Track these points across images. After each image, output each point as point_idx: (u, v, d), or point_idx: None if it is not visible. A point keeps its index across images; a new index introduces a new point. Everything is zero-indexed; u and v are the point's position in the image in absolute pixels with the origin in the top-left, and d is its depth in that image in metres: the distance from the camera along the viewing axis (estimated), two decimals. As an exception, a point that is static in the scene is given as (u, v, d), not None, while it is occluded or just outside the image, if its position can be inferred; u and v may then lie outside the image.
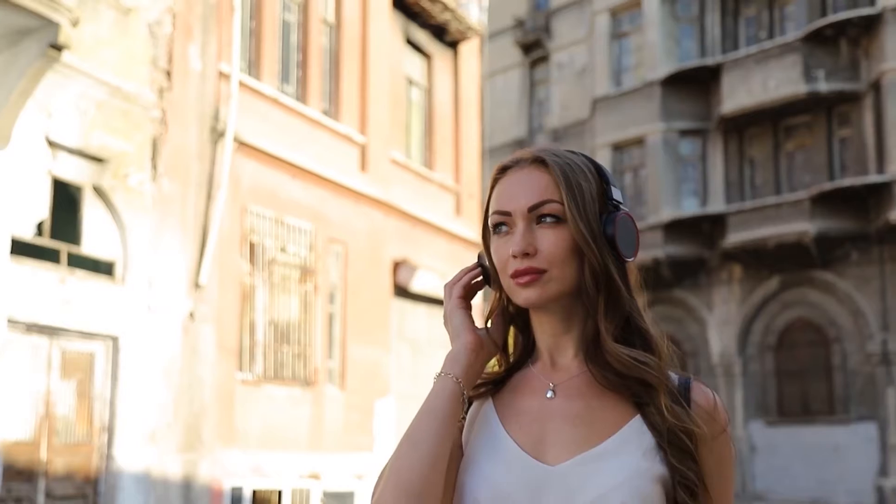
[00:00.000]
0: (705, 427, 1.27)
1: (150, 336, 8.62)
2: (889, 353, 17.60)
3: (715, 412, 1.30)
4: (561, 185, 1.28)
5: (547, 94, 25.27)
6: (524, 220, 1.29)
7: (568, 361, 1.34)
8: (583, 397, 1.31)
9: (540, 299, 1.28)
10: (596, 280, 1.29)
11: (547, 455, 1.27)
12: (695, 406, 1.29)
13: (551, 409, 1.31)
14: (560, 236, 1.28)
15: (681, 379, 1.32)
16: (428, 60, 14.00)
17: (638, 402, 1.29)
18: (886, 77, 17.79)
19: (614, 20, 22.75)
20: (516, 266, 1.28)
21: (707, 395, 1.31)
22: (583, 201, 1.29)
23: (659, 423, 1.26)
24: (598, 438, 1.27)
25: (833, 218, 18.06)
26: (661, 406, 1.27)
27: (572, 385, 1.32)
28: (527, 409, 1.33)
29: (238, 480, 9.52)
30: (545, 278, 1.28)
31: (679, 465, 1.24)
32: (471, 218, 14.37)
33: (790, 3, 20.57)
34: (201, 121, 9.45)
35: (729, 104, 19.92)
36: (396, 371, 12.17)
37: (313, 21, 11.46)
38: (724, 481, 1.30)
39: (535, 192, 1.29)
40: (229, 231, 9.67)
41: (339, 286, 11.31)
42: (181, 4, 9.29)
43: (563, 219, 1.28)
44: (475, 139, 14.82)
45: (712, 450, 1.28)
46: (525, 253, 1.27)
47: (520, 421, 1.32)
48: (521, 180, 1.31)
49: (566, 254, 1.28)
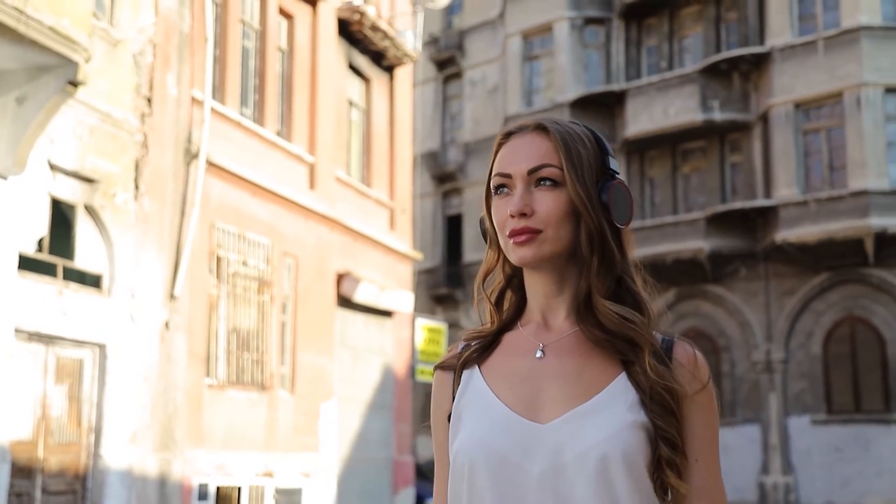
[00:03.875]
0: (686, 385, 1.32)
1: (133, 344, 9.31)
2: (772, 362, 19.42)
3: (696, 370, 1.34)
4: (560, 151, 1.35)
5: (459, 109, 26.41)
6: (523, 182, 1.35)
7: (559, 322, 1.39)
8: (572, 356, 1.36)
9: (534, 258, 1.35)
10: (591, 241, 1.35)
11: (539, 414, 1.33)
12: (676, 364, 1.34)
13: (541, 368, 1.37)
14: (557, 199, 1.34)
15: (664, 338, 1.36)
16: (367, 84, 14.92)
17: (624, 360, 1.34)
18: (773, 110, 19.61)
19: (526, 43, 24.06)
20: (513, 225, 1.34)
21: (688, 352, 1.36)
22: (581, 167, 1.35)
23: (643, 381, 1.31)
24: (587, 395, 1.32)
25: (725, 237, 19.77)
26: (644, 364, 1.32)
27: (562, 345, 1.38)
28: (516, 370, 1.38)
29: (204, 478, 10.27)
30: (540, 238, 1.34)
31: (661, 421, 1.30)
32: (404, 232, 15.36)
33: (688, 37, 22.29)
34: (176, 143, 10.17)
35: (632, 128, 21.48)
36: (339, 376, 13.06)
37: (270, 48, 12.25)
38: (707, 436, 1.35)
39: (535, 157, 1.35)
40: (199, 246, 10.41)
41: (291, 297, 12.14)
42: (161, 35, 10.00)
43: (561, 183, 1.35)
44: (408, 157, 15.81)
45: (693, 403, 1.33)
46: (522, 213, 1.33)
47: (510, 382, 1.37)
48: (522, 145, 1.38)
49: (562, 216, 1.34)
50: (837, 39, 18.94)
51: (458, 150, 25.92)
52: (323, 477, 12.37)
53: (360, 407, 13.61)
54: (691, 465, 1.32)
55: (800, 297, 19.36)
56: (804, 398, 19.15)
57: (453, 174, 25.61)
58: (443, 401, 1.45)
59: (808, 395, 19.14)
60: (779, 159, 19.39)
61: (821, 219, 18.48)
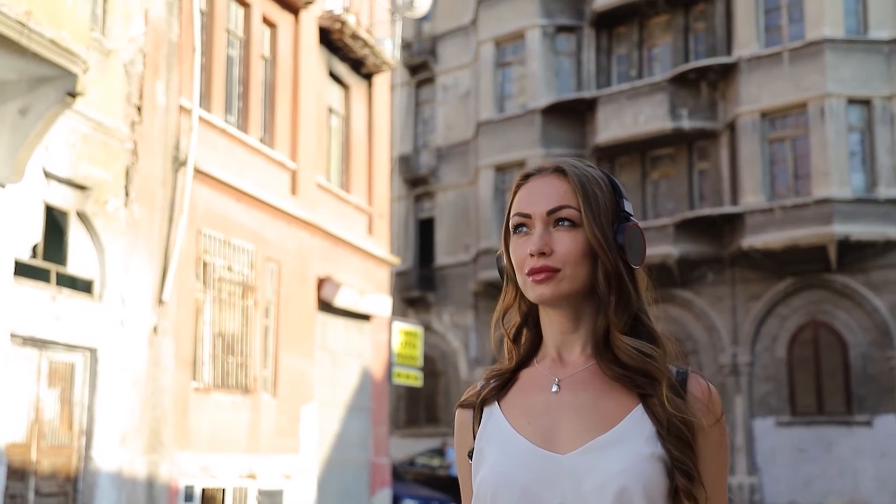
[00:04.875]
0: (702, 418, 1.36)
1: (122, 348, 9.48)
2: (738, 365, 19.92)
3: (710, 403, 1.38)
4: (578, 193, 1.40)
5: (432, 114, 26.68)
6: (542, 222, 1.41)
7: (575, 358, 1.44)
8: (587, 389, 1.40)
9: (552, 296, 1.40)
10: (608, 281, 1.40)
11: (557, 445, 1.37)
12: (691, 397, 1.38)
13: (558, 401, 1.41)
14: (575, 239, 1.39)
15: (679, 370, 1.41)
16: (346, 91, 15.15)
17: (641, 393, 1.38)
18: (740, 119, 20.11)
19: (498, 49, 24.40)
20: (532, 264, 1.39)
21: (703, 386, 1.40)
22: (597, 209, 1.40)
23: (660, 413, 1.35)
24: (604, 428, 1.36)
25: (693, 242, 20.24)
26: (662, 397, 1.35)
27: (577, 378, 1.42)
28: (534, 404, 1.43)
29: (190, 479, 10.46)
30: (558, 277, 1.39)
31: (678, 453, 1.33)
32: (381, 237, 15.61)
33: (657, 46, 22.75)
34: (165, 151, 10.34)
35: (603, 135, 21.89)
36: (319, 379, 13.28)
37: (253, 56, 12.45)
38: (719, 468, 1.39)
39: (554, 198, 1.41)
40: (186, 252, 10.59)
41: (273, 301, 12.34)
42: (150, 45, 10.17)
43: (579, 224, 1.40)
44: (385, 163, 16.06)
45: (708, 438, 1.36)
46: (542, 252, 1.38)
47: (528, 416, 1.42)
48: (541, 186, 1.43)
49: (579, 256, 1.39)
50: (802, 51, 19.48)
51: (430, 155, 26.19)
52: (303, 478, 12.58)
53: (339, 409, 13.84)
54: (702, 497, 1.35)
55: (765, 302, 19.88)
56: (769, 400, 19.66)
57: (426, 178, 25.88)
58: (465, 438, 1.50)
59: (772, 397, 19.66)
60: (745, 167, 19.89)
61: (786, 226, 19.00)
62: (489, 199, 23.65)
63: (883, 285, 18.83)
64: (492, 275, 23.13)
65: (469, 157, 25.00)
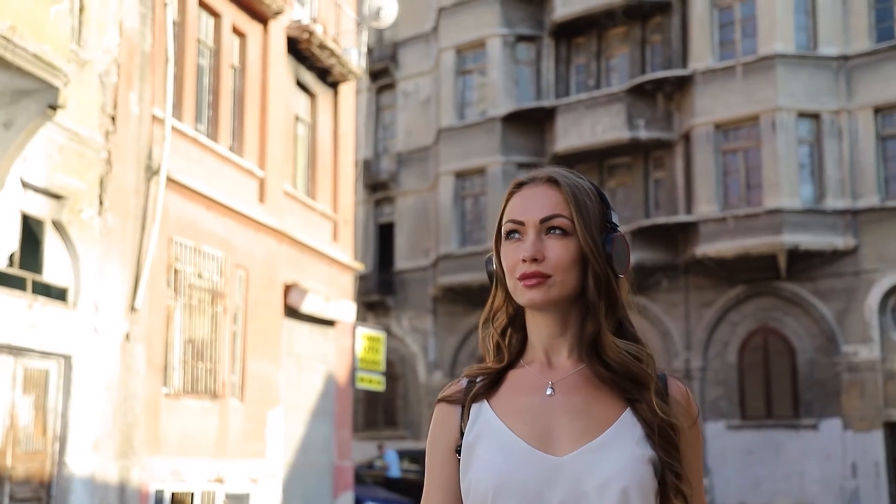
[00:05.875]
0: (682, 419, 1.44)
1: (96, 355, 9.62)
2: (691, 370, 20.47)
3: (689, 406, 1.48)
4: (570, 203, 1.46)
5: (393, 119, 26.93)
6: (535, 229, 1.46)
7: (563, 361, 1.49)
8: (579, 393, 1.46)
9: (543, 301, 1.45)
10: (598, 287, 1.46)
11: (554, 447, 1.42)
12: (672, 400, 1.46)
13: (552, 404, 1.46)
14: (566, 247, 1.44)
15: (659, 374, 1.48)
16: (312, 99, 15.36)
17: (628, 397, 1.44)
18: (695, 130, 20.67)
19: (459, 57, 24.73)
20: (524, 269, 1.44)
21: (682, 390, 1.49)
22: (588, 219, 1.46)
23: (649, 416, 1.42)
24: (598, 430, 1.42)
25: (648, 250, 20.75)
26: (651, 402, 1.43)
27: (568, 382, 1.47)
28: (528, 406, 1.47)
29: (161, 484, 10.61)
30: (549, 282, 1.44)
31: (667, 454, 1.41)
32: (346, 244, 15.84)
33: (615, 57, 23.25)
34: (138, 160, 10.49)
35: (562, 143, 22.33)
36: (285, 384, 13.48)
37: (223, 66, 12.62)
38: (697, 465, 1.48)
39: (547, 206, 1.46)
40: (158, 259, 10.75)
41: (241, 307, 12.52)
42: (124, 56, 10.31)
43: (570, 232, 1.45)
44: (350, 171, 16.29)
45: (687, 439, 1.45)
46: (534, 258, 1.43)
47: (523, 417, 1.46)
48: (534, 195, 1.48)
49: (570, 263, 1.44)
50: (755, 65, 20.09)
51: (390, 160, 26.44)
52: (269, 482, 12.78)
53: (304, 414, 14.04)
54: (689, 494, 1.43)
55: (717, 309, 20.46)
56: (720, 404, 20.24)
57: (386, 183, 26.13)
58: (447, 432, 1.52)
59: (723, 401, 20.24)
60: (699, 177, 20.44)
61: (738, 235, 19.58)
62: (449, 205, 23.97)
63: (829, 293, 19.48)
64: (451, 280, 23.46)
65: (429, 162, 25.29)
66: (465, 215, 23.89)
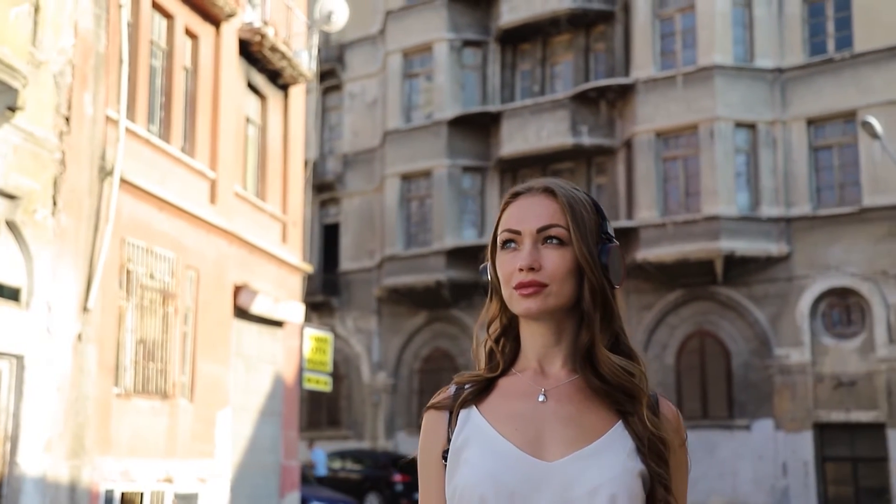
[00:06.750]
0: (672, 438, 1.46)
1: (48, 355, 9.63)
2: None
3: (679, 425, 1.49)
4: (567, 213, 1.46)
5: (339, 121, 27.04)
6: (532, 239, 1.46)
7: (556, 370, 1.48)
8: (571, 402, 1.46)
9: (539, 310, 1.44)
10: (594, 298, 1.45)
11: (544, 452, 1.42)
12: (663, 419, 1.47)
13: (543, 411, 1.45)
14: (563, 257, 1.44)
15: (650, 394, 1.48)
16: (263, 101, 15.44)
17: (620, 410, 1.45)
18: (636, 137, 21.18)
19: (406, 60, 24.95)
20: (521, 278, 1.44)
21: (672, 410, 1.50)
22: (584, 229, 1.46)
23: (640, 430, 1.42)
24: (590, 438, 1.42)
25: (590, 254, 21.16)
26: (642, 416, 1.43)
27: (561, 391, 1.47)
28: (519, 411, 1.46)
29: (111, 484, 10.64)
30: (546, 292, 1.44)
31: (657, 467, 1.41)
32: (295, 245, 15.95)
33: (559, 64, 23.70)
34: (92, 161, 10.51)
35: (507, 148, 22.70)
36: (234, 385, 13.56)
37: (176, 67, 12.66)
38: (684, 484, 1.49)
39: (543, 216, 1.46)
40: (110, 260, 10.77)
41: (192, 308, 12.58)
42: (79, 57, 10.33)
43: (567, 242, 1.45)
44: (300, 172, 16.41)
45: (676, 458, 1.46)
46: (531, 267, 1.43)
47: (514, 422, 1.45)
48: (531, 205, 1.48)
49: (566, 273, 1.44)
50: (694, 76, 20.68)
51: (336, 161, 26.53)
52: (217, 482, 12.85)
53: (252, 414, 14.13)
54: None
55: (656, 312, 20.99)
56: (658, 405, 20.75)
57: (332, 184, 26.22)
58: (437, 439, 1.51)
59: (661, 402, 20.75)
60: (640, 183, 20.95)
61: (677, 240, 20.13)
62: (395, 207, 24.16)
63: (763, 298, 20.14)
64: (395, 281, 23.66)
65: (375, 164, 25.46)
66: (411, 217, 24.12)
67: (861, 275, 19.27)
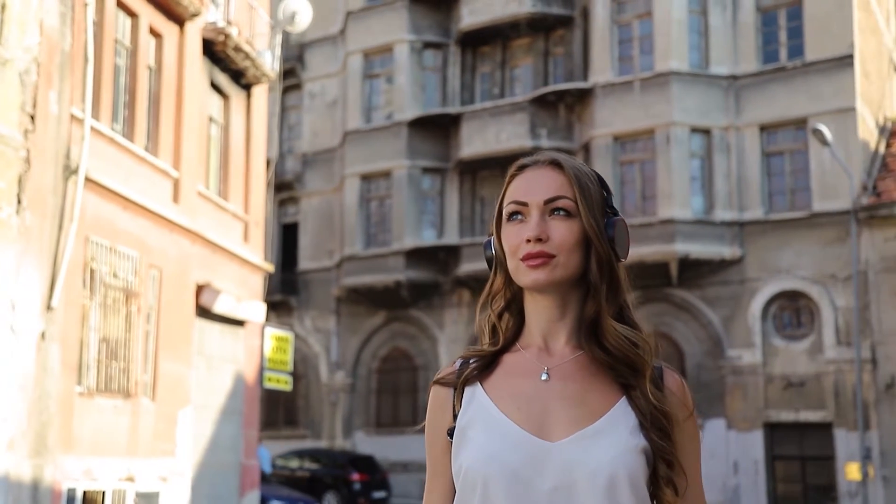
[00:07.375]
0: (678, 411, 1.44)
1: (12, 354, 9.61)
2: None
3: (684, 397, 1.47)
4: (574, 185, 1.46)
5: (298, 120, 27.03)
6: (539, 210, 1.45)
7: (560, 347, 1.47)
8: (575, 380, 1.44)
9: (547, 281, 1.43)
10: (601, 269, 1.45)
11: (547, 433, 1.41)
12: (668, 391, 1.45)
13: (547, 390, 1.44)
14: (570, 228, 1.44)
15: (655, 366, 1.46)
16: (225, 101, 15.46)
17: (624, 384, 1.44)
18: (594, 141, 21.50)
19: (366, 61, 25.04)
20: (528, 249, 1.43)
21: (678, 381, 1.48)
22: (591, 201, 1.46)
23: (643, 404, 1.42)
24: (592, 417, 1.41)
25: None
26: (645, 390, 1.42)
27: (565, 369, 1.45)
28: (522, 390, 1.45)
29: (73, 483, 10.63)
30: (553, 263, 1.43)
31: (660, 442, 1.40)
32: (256, 245, 15.99)
33: (519, 67, 23.96)
34: (56, 159, 10.49)
35: (467, 149, 22.90)
36: (195, 384, 13.57)
37: (140, 66, 12.66)
38: (695, 457, 1.48)
39: (551, 188, 1.46)
40: (74, 259, 10.76)
41: (155, 307, 12.58)
42: (44, 55, 10.31)
43: (574, 214, 1.45)
44: (262, 172, 16.44)
45: (683, 430, 1.45)
46: (539, 238, 1.43)
47: (517, 402, 1.44)
48: (538, 177, 1.48)
49: (574, 244, 1.44)
50: (651, 81, 21.05)
51: (296, 160, 26.53)
52: (178, 481, 12.87)
53: (213, 413, 14.16)
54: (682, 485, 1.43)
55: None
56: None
57: (291, 183, 26.21)
58: (442, 416, 1.51)
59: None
60: (598, 187, 21.23)
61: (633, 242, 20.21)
62: (354, 207, 24.24)
63: (716, 300, 20.58)
64: (354, 281, 23.75)
65: (335, 164, 25.51)
66: (371, 217, 24.22)
67: (811, 278, 19.78)
